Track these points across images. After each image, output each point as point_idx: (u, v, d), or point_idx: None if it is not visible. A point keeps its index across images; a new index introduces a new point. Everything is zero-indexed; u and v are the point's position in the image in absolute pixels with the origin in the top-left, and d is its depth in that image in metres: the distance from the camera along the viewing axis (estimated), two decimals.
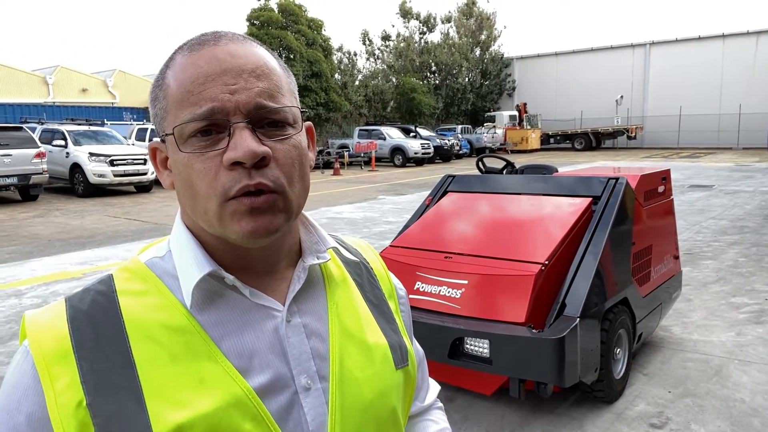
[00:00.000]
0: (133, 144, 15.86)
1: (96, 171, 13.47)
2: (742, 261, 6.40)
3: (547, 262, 2.95)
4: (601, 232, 3.14)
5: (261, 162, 0.61)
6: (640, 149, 32.67)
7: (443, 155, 25.18)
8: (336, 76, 29.80)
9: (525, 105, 33.72)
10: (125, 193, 14.75)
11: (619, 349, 3.27)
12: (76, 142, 14.15)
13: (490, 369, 2.77)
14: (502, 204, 3.66)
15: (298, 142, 0.66)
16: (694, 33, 33.73)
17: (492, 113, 34.77)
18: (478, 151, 28.68)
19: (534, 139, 31.67)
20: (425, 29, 39.27)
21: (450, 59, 37.24)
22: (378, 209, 11.09)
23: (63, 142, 14.14)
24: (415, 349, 0.89)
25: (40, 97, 27.57)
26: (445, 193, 4.04)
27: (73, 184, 13.98)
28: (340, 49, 34.83)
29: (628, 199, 3.39)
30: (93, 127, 15.39)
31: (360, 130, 24.84)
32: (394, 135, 24.13)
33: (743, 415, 3.08)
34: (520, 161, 5.18)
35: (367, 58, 39.14)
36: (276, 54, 0.70)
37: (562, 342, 2.61)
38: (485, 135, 30.30)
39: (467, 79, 38.27)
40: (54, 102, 27.19)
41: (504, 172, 4.66)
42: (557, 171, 4.30)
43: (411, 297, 3.08)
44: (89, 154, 13.57)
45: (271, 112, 0.63)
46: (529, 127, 32.23)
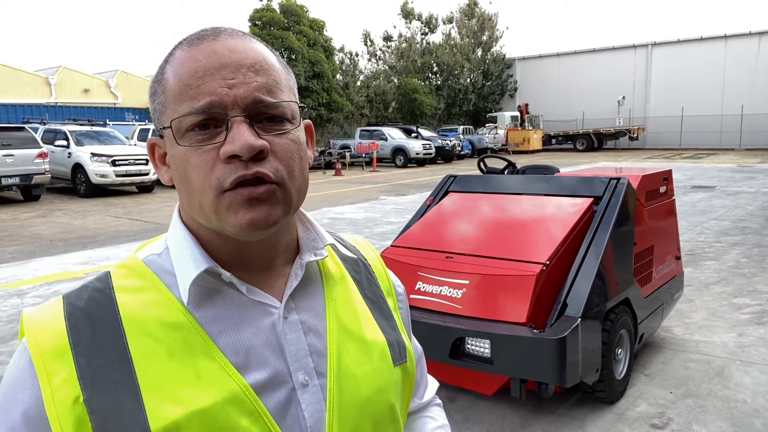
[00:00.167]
0: (135, 144, 15.89)
1: (98, 171, 13.50)
2: (743, 262, 6.39)
3: (548, 262, 2.94)
4: (603, 232, 3.13)
5: (258, 155, 0.61)
6: (642, 150, 32.63)
7: (445, 156, 25.18)
8: (338, 76, 29.79)
9: (527, 106, 33.68)
10: (127, 193, 14.78)
11: (620, 350, 3.27)
12: (78, 143, 14.18)
13: (491, 369, 2.76)
14: (504, 204, 3.66)
15: (297, 137, 0.65)
16: (696, 34, 33.76)
17: (494, 114, 34.76)
18: (480, 152, 28.62)
19: (536, 140, 31.62)
20: (427, 30, 39.28)
21: (452, 60, 37.23)
22: (379, 210, 11.09)
23: (65, 143, 14.17)
24: (414, 346, 0.89)
25: (43, 98, 27.62)
26: (446, 193, 4.04)
27: (75, 185, 14.02)
28: (341, 49, 34.83)
29: (629, 200, 3.38)
30: (95, 128, 15.42)
31: (361, 130, 24.87)
32: (395, 135, 24.15)
33: (745, 416, 3.07)
34: (521, 162, 5.17)
35: (368, 59, 39.19)
36: (275, 50, 0.70)
37: (563, 342, 2.60)
38: (487, 136, 30.28)
39: (469, 79, 38.27)
40: (56, 102, 27.23)
41: (505, 172, 4.65)
42: (559, 171, 4.29)
43: (412, 297, 3.08)
44: (91, 154, 13.60)
45: (269, 107, 0.62)
46: (530, 127, 32.19)
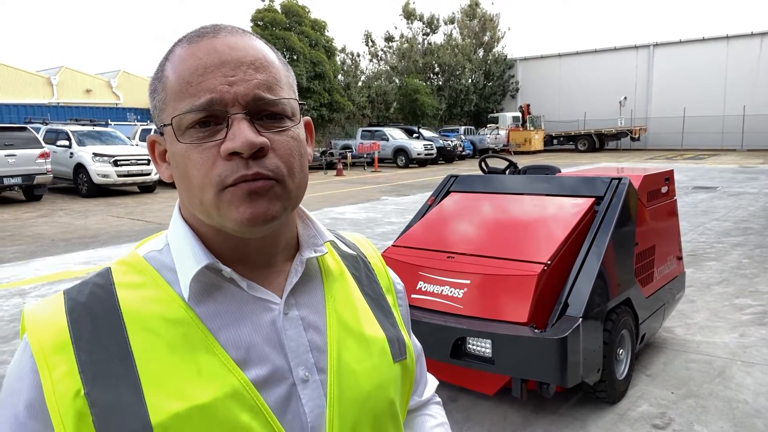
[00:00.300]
0: (136, 144, 15.92)
1: (100, 171, 13.53)
2: (745, 262, 6.37)
3: (549, 262, 2.94)
4: (604, 232, 3.13)
5: (259, 153, 0.61)
6: (643, 150, 32.59)
7: (446, 156, 25.19)
8: (339, 77, 29.79)
9: (528, 106, 33.68)
10: (129, 193, 14.79)
11: (621, 350, 3.26)
12: (80, 143, 14.21)
13: (492, 369, 2.76)
14: (505, 204, 3.65)
15: (297, 134, 0.66)
16: (698, 34, 33.82)
17: (495, 114, 34.72)
18: (481, 153, 28.59)
19: (537, 141, 31.60)
20: (428, 30, 39.27)
21: (453, 60, 37.22)
22: (381, 210, 11.09)
23: (67, 143, 14.20)
24: (413, 344, 0.89)
25: (45, 98, 27.68)
26: (447, 193, 4.04)
27: (77, 185, 14.04)
28: (343, 50, 34.81)
29: (631, 200, 3.38)
30: (97, 128, 15.44)
31: (363, 131, 24.89)
32: (397, 136, 24.16)
33: (746, 416, 3.06)
34: (523, 162, 5.17)
35: (370, 60, 39.20)
36: (275, 48, 0.70)
37: (564, 342, 2.60)
38: (488, 136, 30.27)
39: (470, 80, 38.25)
40: (58, 102, 27.28)
41: (507, 172, 4.65)
42: (560, 171, 4.28)
43: (413, 297, 3.08)
44: (93, 154, 13.62)
45: (270, 104, 0.63)
46: (532, 128, 32.17)
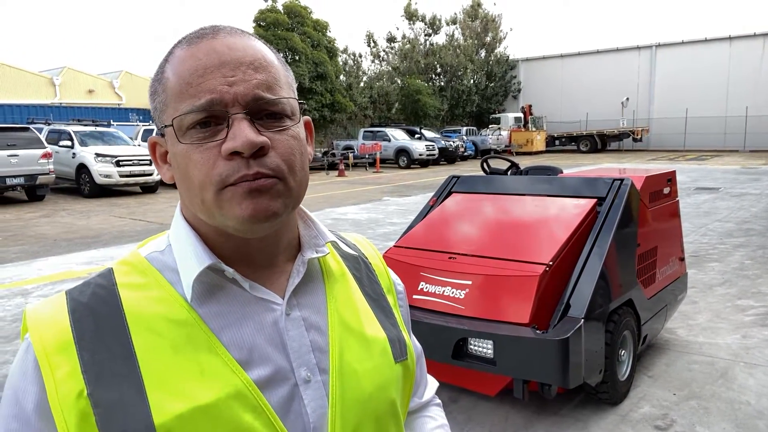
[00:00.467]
0: (139, 145, 15.94)
1: (102, 171, 13.55)
2: (748, 263, 6.36)
3: (551, 263, 2.94)
4: (606, 233, 3.12)
5: (259, 152, 0.61)
6: (645, 151, 32.55)
7: (448, 157, 25.18)
8: (341, 77, 29.81)
9: (530, 107, 33.67)
10: (131, 193, 14.82)
11: (623, 351, 3.26)
12: (83, 143, 14.24)
13: (494, 370, 2.76)
14: (507, 205, 3.65)
15: (297, 133, 0.66)
16: (701, 35, 33.71)
17: (497, 115, 34.73)
18: (483, 153, 28.59)
19: (539, 141, 31.57)
20: (430, 31, 39.29)
21: (455, 61, 37.23)
22: (382, 210, 11.09)
23: (69, 143, 14.23)
24: (414, 345, 0.89)
25: (47, 98, 27.74)
26: (449, 193, 4.03)
27: (80, 185, 14.07)
28: (345, 50, 34.85)
29: (633, 201, 3.37)
30: (99, 128, 15.48)
31: (365, 131, 24.91)
32: (398, 136, 24.17)
33: (749, 418, 3.05)
34: (525, 163, 5.17)
35: (372, 60, 39.22)
36: (274, 48, 0.70)
37: (566, 343, 2.59)
38: (490, 137, 30.25)
39: (472, 80, 38.25)
40: (61, 103, 27.33)
41: (508, 173, 4.64)
42: (562, 172, 4.28)
43: (415, 297, 3.08)
44: (95, 154, 13.65)
45: (270, 104, 0.63)
46: (534, 129, 32.16)
